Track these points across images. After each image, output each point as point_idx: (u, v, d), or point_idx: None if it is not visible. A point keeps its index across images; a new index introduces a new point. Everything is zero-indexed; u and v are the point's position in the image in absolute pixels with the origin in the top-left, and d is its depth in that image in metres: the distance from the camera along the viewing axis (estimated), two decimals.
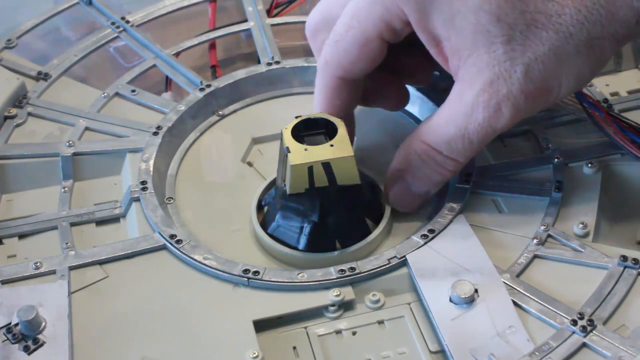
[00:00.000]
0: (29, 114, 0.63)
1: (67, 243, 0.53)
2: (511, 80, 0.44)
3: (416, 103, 0.61)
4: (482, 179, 0.54)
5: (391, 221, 0.54)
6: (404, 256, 0.49)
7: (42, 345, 0.45)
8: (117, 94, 0.65)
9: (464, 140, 0.46)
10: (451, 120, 0.46)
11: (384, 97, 0.56)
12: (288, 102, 0.65)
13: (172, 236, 0.52)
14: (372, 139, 0.60)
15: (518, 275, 0.48)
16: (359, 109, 0.57)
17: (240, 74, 0.65)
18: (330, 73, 0.51)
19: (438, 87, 0.61)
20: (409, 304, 0.48)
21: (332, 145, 0.50)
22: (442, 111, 0.47)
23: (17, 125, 0.62)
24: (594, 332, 0.44)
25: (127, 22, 0.71)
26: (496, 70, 0.44)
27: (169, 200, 0.57)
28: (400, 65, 0.54)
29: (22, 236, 0.55)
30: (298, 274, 0.49)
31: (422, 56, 0.50)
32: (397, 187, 0.51)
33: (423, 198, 0.52)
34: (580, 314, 0.45)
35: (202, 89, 0.63)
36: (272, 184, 0.56)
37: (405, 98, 0.57)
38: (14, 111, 0.63)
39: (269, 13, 0.72)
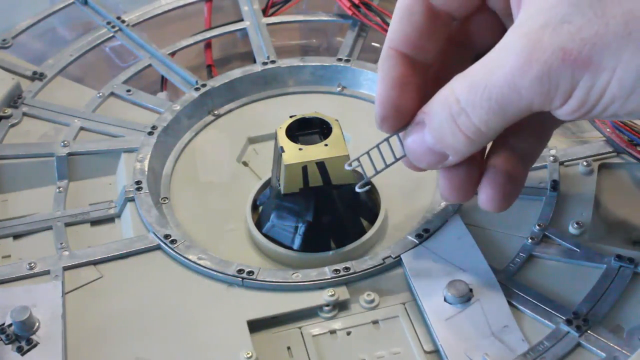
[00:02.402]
0: (24, 114, 0.63)
1: (61, 243, 0.53)
2: (558, 33, 0.34)
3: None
4: None
5: (386, 221, 0.54)
6: (399, 256, 0.49)
7: (35, 345, 0.45)
8: (112, 94, 0.65)
9: (483, 93, 0.37)
10: (482, 65, 0.37)
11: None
12: (284, 101, 0.65)
13: (167, 236, 0.52)
14: (367, 139, 0.60)
15: (513, 275, 0.48)
16: (350, 105, 0.56)
17: (236, 73, 0.65)
18: (385, 45, 0.43)
19: None
20: (403, 303, 0.48)
21: (326, 145, 0.50)
22: (484, 57, 0.38)
23: (12, 125, 0.62)
24: (588, 331, 0.44)
25: (123, 21, 0.71)
26: (553, 15, 0.34)
27: (164, 200, 0.57)
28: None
29: (16, 236, 0.55)
30: (292, 274, 0.49)
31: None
32: (415, 130, 0.42)
33: (435, 158, 0.41)
34: (575, 314, 0.45)
35: (197, 89, 0.63)
36: (267, 183, 0.55)
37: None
38: (8, 111, 0.62)
39: (264, 12, 0.72)
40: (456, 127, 0.39)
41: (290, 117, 0.51)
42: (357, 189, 0.45)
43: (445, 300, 0.46)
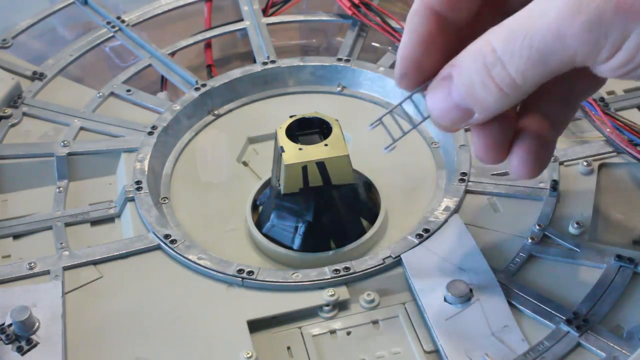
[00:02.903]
0: (24, 113, 0.63)
1: (61, 243, 0.53)
2: None
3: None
4: (477, 178, 0.54)
5: (386, 221, 0.54)
6: (399, 256, 0.49)
7: (35, 345, 0.45)
8: (112, 94, 0.65)
9: (524, 41, 0.35)
10: (524, 13, 0.35)
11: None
12: (283, 101, 0.65)
13: (167, 236, 0.52)
14: (367, 139, 0.60)
15: (513, 275, 0.48)
16: (350, 105, 0.56)
17: (236, 73, 0.65)
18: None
19: None
20: (403, 303, 0.48)
21: (326, 145, 0.50)
22: (524, 7, 0.36)
23: (12, 125, 0.62)
24: (588, 331, 0.44)
25: (123, 21, 0.71)
26: None
27: (164, 200, 0.57)
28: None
29: (16, 236, 0.55)
30: (292, 273, 0.49)
31: None
32: (440, 85, 0.39)
33: (460, 116, 0.39)
34: (575, 314, 0.45)
35: (197, 89, 0.63)
36: (267, 183, 0.55)
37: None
38: (8, 111, 0.62)
39: (264, 12, 0.72)
40: (489, 79, 0.36)
41: (290, 117, 0.51)
42: (384, 151, 0.43)
43: (445, 300, 0.46)
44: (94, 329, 0.47)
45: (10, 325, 0.46)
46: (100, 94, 0.64)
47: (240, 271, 0.49)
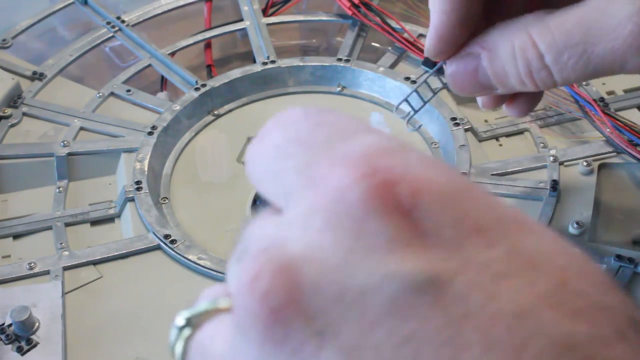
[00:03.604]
0: (24, 114, 0.63)
1: (61, 243, 0.53)
2: None
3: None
4: (477, 178, 0.54)
5: None
6: None
7: (35, 345, 0.45)
8: (112, 94, 0.65)
9: (580, 59, 0.34)
10: (581, 27, 0.34)
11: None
12: (283, 101, 0.65)
13: (167, 236, 0.52)
14: None
15: None
16: (350, 105, 0.56)
17: (236, 73, 0.65)
18: None
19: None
20: None
21: None
22: (572, 12, 0.34)
23: (12, 125, 0.62)
24: None
25: (123, 21, 0.71)
26: None
27: (164, 200, 0.57)
28: None
29: (16, 236, 0.55)
30: None
31: None
32: (465, 60, 0.39)
33: (481, 90, 0.40)
34: None
35: (197, 89, 0.63)
36: None
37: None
38: (8, 111, 0.62)
39: (264, 12, 0.72)
40: (529, 79, 0.37)
41: None
42: (405, 123, 0.45)
43: None
44: (94, 329, 0.47)
45: (10, 325, 0.46)
46: (100, 94, 0.64)
47: None
